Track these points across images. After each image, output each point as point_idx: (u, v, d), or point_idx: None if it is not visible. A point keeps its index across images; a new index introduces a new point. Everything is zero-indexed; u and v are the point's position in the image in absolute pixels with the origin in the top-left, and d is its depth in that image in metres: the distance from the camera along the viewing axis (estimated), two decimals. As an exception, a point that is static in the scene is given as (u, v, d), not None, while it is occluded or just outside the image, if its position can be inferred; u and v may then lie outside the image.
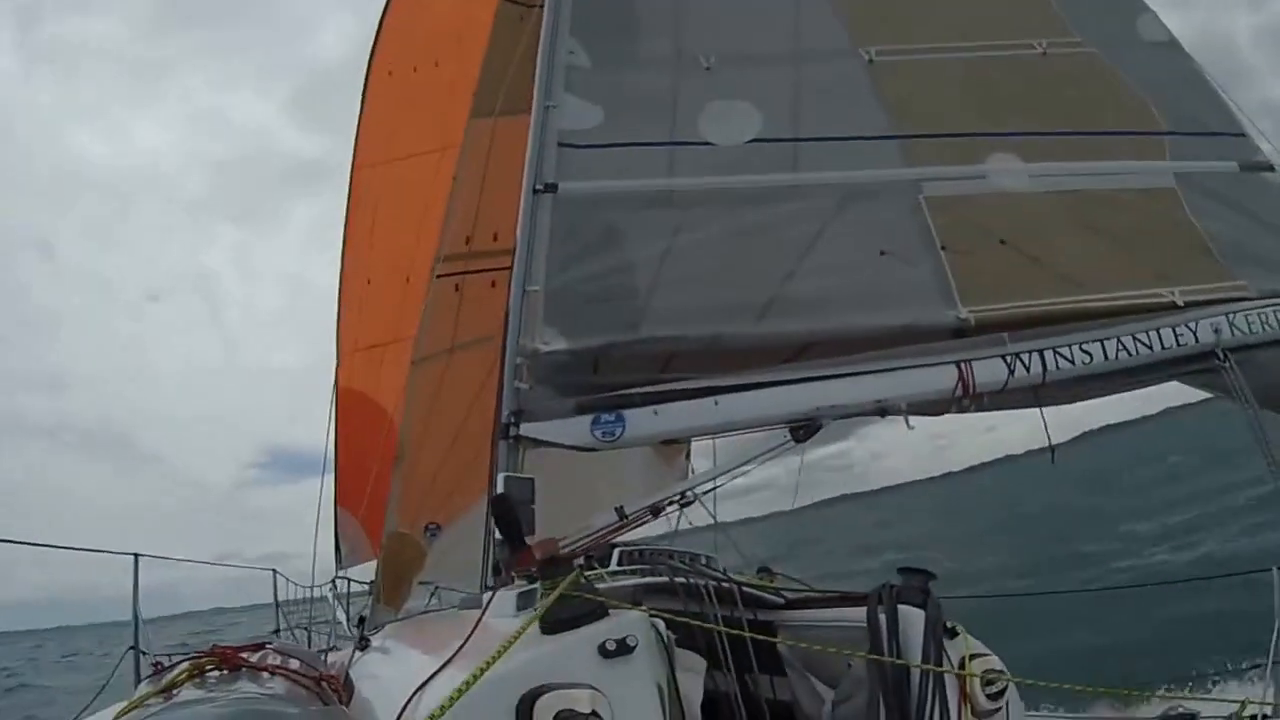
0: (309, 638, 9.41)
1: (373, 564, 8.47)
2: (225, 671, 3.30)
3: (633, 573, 4.48)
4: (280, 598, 10.10)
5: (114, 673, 5.60)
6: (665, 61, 5.91)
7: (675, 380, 4.73)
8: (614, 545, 4.67)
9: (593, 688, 2.74)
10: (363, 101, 10.20)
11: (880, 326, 4.95)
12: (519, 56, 6.08)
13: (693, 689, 3.45)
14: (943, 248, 5.22)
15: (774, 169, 5.50)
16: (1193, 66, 6.41)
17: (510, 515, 3.65)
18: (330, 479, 9.65)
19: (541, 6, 5.97)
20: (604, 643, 2.90)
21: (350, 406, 10.10)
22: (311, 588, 9.99)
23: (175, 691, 3.01)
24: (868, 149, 5.66)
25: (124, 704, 3.22)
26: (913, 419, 4.82)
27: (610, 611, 3.07)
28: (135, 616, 6.27)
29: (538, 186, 5.13)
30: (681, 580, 4.23)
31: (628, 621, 3.00)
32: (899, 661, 3.52)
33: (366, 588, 7.86)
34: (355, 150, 10.13)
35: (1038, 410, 5.20)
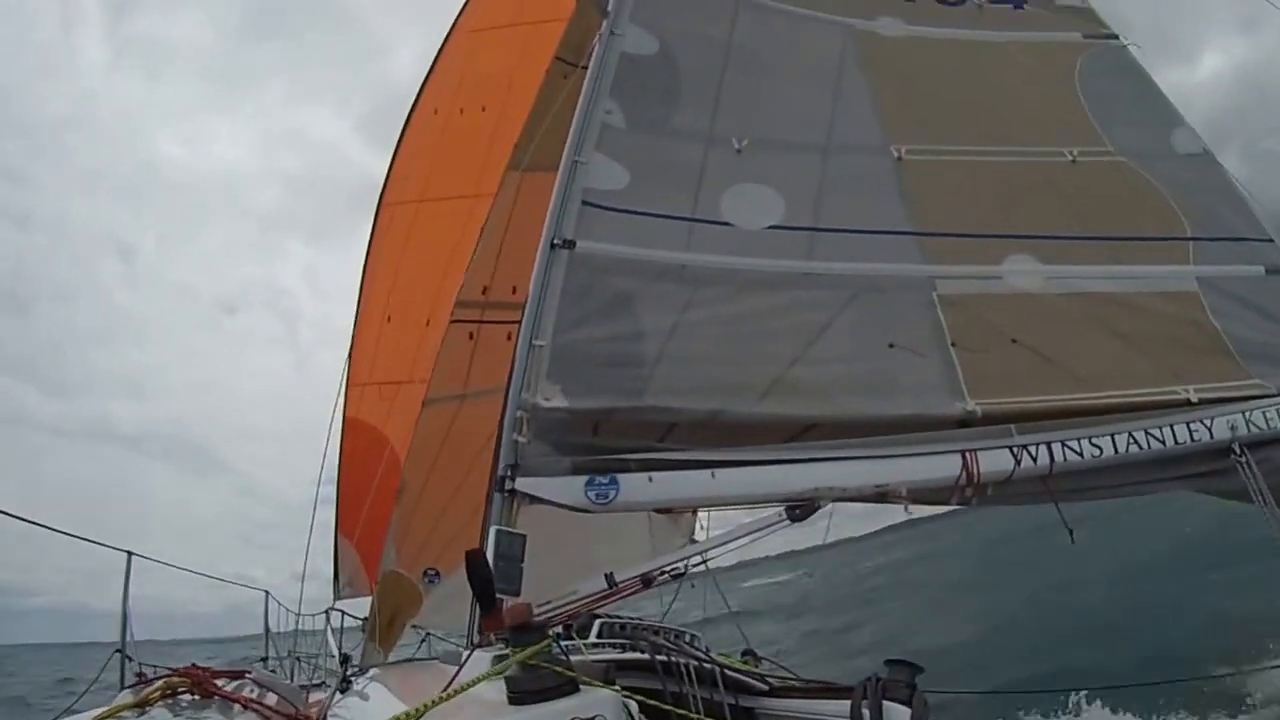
0: (293, 668, 9.35)
1: (368, 599, 8.50)
2: (197, 697, 3.27)
3: (612, 646, 4.38)
4: (286, 620, 10.08)
5: (100, 674, 5.59)
6: (698, 136, 6.01)
7: (673, 450, 4.73)
8: (596, 615, 4.61)
9: None
10: (401, 137, 10.29)
11: (884, 415, 4.94)
12: (555, 113, 6.15)
13: None
14: (953, 344, 5.24)
15: (789, 255, 5.55)
16: (1225, 177, 6.44)
17: (483, 573, 3.59)
18: (322, 508, 9.71)
19: (586, 66, 6.05)
20: None
21: (357, 438, 10.10)
22: (299, 616, 9.93)
23: (147, 709, 3.03)
24: (885, 243, 5.70)
25: (102, 710, 3.23)
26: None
27: (581, 687, 3.00)
28: (124, 616, 6.20)
29: (556, 241, 5.20)
30: (662, 658, 4.13)
31: (598, 699, 2.93)
32: None
33: (361, 624, 7.83)
34: (386, 185, 10.19)
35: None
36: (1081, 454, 4.81)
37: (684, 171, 5.82)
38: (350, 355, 10.31)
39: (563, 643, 3.76)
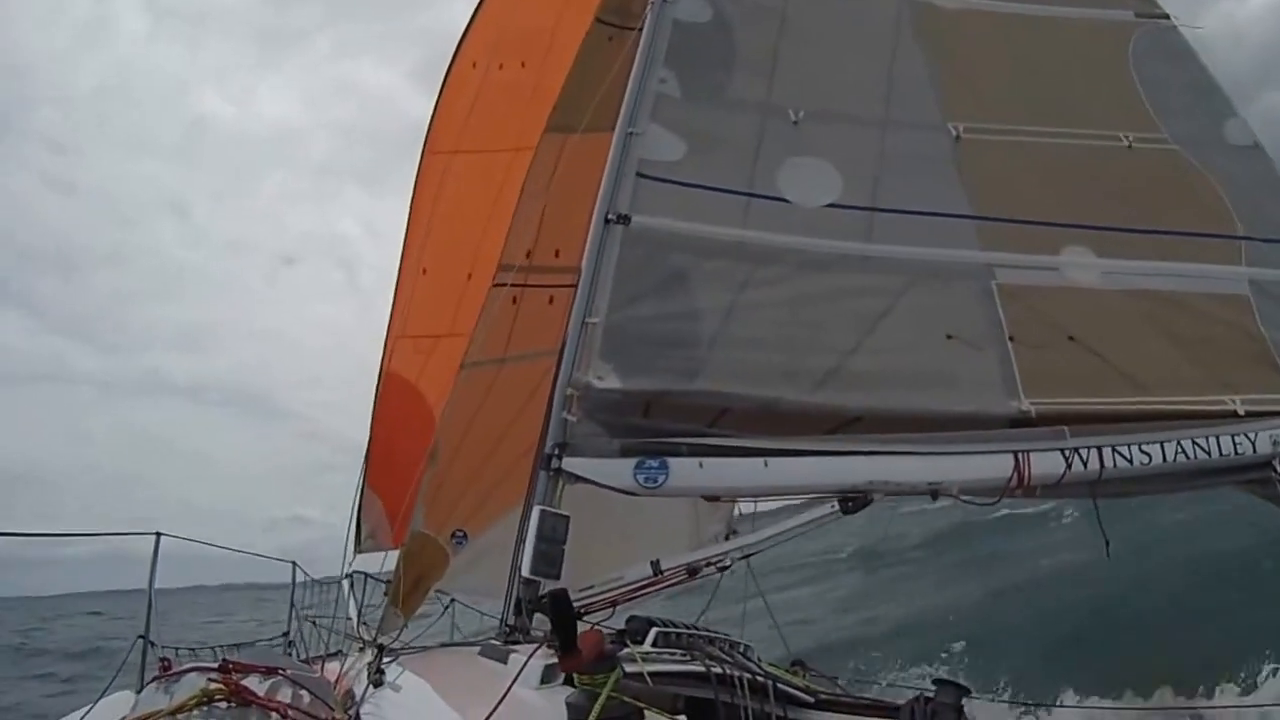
0: (322, 639, 9.22)
1: (390, 553, 8.40)
2: (233, 705, 3.13)
3: (669, 656, 4.26)
4: (312, 582, 9.96)
5: (123, 663, 5.47)
6: (754, 107, 5.81)
7: (725, 436, 4.64)
8: (652, 623, 4.50)
9: None
10: (442, 88, 10.11)
11: (940, 411, 4.88)
12: (601, 77, 6.02)
13: None
14: (1011, 338, 5.14)
15: (848, 237, 5.40)
16: (1276, 171, 6.27)
17: (566, 614, 3.29)
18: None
19: (636, 30, 5.90)
20: None
21: (391, 391, 9.96)
22: (340, 579, 9.79)
23: (181, 717, 2.89)
24: (944, 227, 5.55)
25: (134, 708, 3.16)
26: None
27: (646, 715, 2.94)
28: (149, 602, 6.07)
29: (610, 216, 5.05)
30: (717, 670, 3.97)
31: None
32: None
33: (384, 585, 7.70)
34: (428, 135, 10.05)
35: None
36: (1131, 460, 4.78)
37: (740, 143, 5.63)
38: (392, 307, 10.20)
39: (621, 652, 3.65)
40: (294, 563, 9.66)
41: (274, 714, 3.11)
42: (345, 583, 8.91)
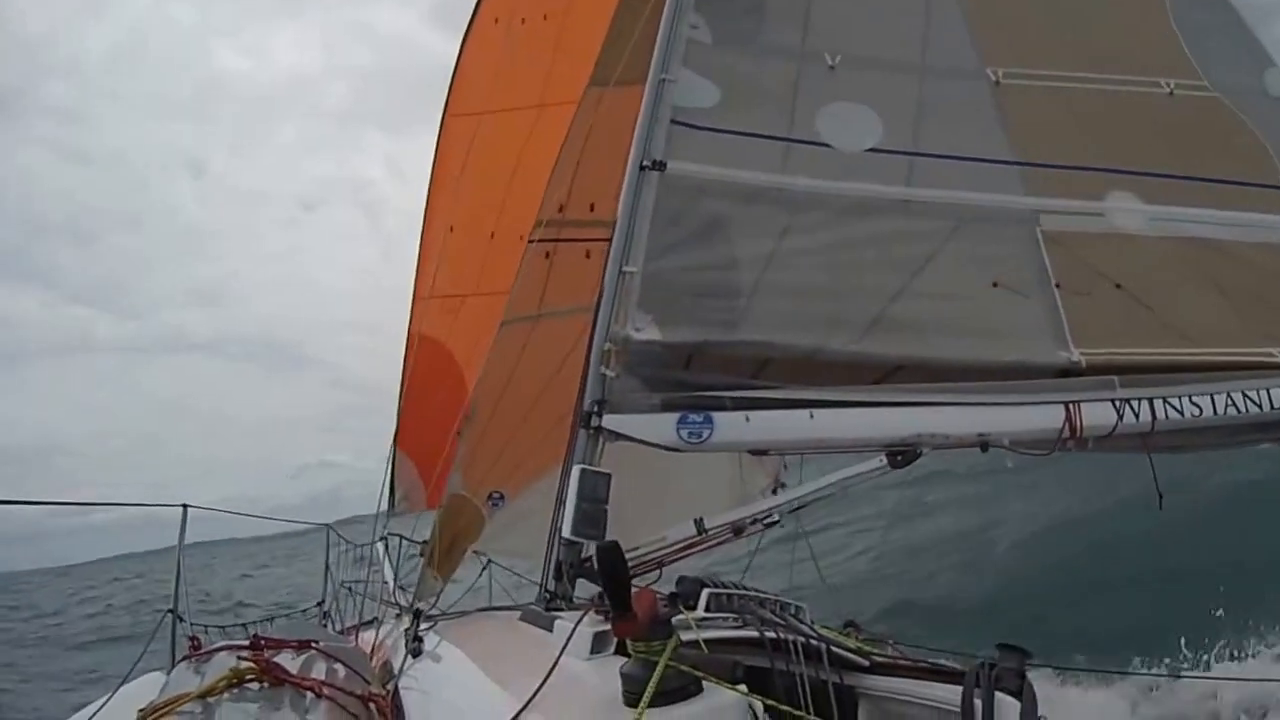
0: (339, 609, 9.18)
1: (422, 516, 8.32)
2: (266, 685, 2.97)
3: (722, 621, 4.08)
4: (346, 549, 9.93)
5: (151, 639, 5.36)
6: (789, 52, 5.62)
7: (769, 388, 4.50)
8: (703, 585, 4.36)
9: None
10: (462, 48, 9.98)
11: (988, 360, 4.74)
12: (634, 28, 5.87)
13: None
14: (1057, 285, 5.00)
15: (890, 181, 5.24)
16: None
17: (620, 572, 2.94)
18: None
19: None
20: None
21: (421, 352, 9.86)
22: (374, 541, 9.74)
23: (212, 700, 2.73)
24: (987, 173, 5.39)
25: (163, 690, 3.04)
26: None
27: (705, 686, 2.71)
28: (177, 575, 5.93)
29: (645, 163, 4.88)
30: (771, 635, 3.77)
31: (725, 705, 2.65)
32: None
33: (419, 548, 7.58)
34: (449, 97, 9.92)
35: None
36: (1182, 413, 4.65)
37: (777, 88, 5.46)
38: (417, 268, 10.13)
39: (675, 618, 3.40)
40: (329, 527, 9.65)
41: (308, 692, 2.95)
42: (380, 546, 8.87)
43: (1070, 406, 4.57)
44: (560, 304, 6.06)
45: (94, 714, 3.84)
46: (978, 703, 3.18)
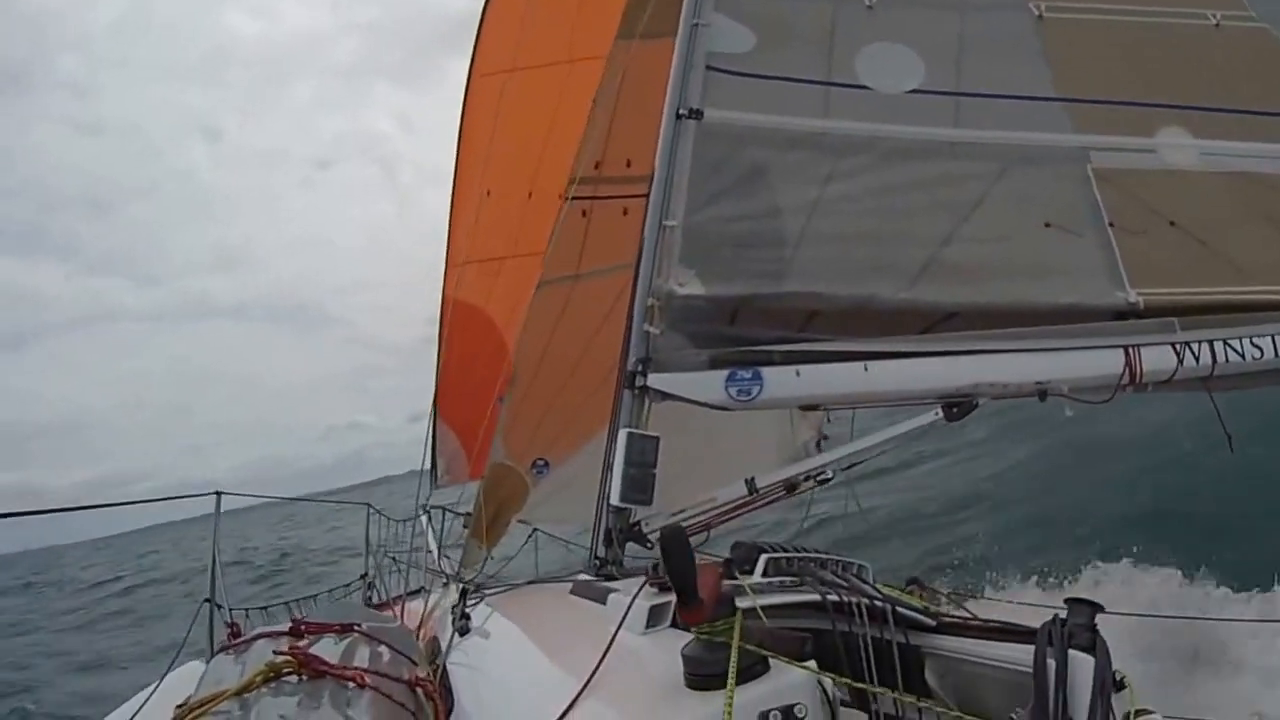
0: (383, 581, 9.12)
1: (467, 485, 8.22)
2: (305, 678, 2.79)
3: (780, 587, 3.87)
4: (388, 521, 9.86)
5: (190, 629, 5.19)
6: (825, -9, 5.38)
7: (819, 340, 4.32)
8: (760, 549, 4.18)
9: None
10: (485, 6, 9.82)
11: (1043, 303, 4.55)
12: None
13: None
14: (1111, 224, 4.81)
15: (935, 123, 5.03)
16: None
17: (685, 559, 2.71)
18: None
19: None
20: (768, 713, 2.36)
21: (459, 319, 9.70)
22: (414, 519, 9.64)
23: (249, 696, 2.56)
24: (1034, 111, 5.18)
25: (200, 683, 2.90)
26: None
27: (771, 664, 2.51)
28: (213, 562, 5.78)
29: (681, 111, 4.69)
30: (834, 598, 3.59)
31: (795, 685, 2.44)
32: None
33: (464, 519, 7.46)
34: (474, 57, 9.73)
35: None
36: (1243, 355, 4.49)
37: (813, 31, 5.22)
38: (449, 233, 9.99)
39: (731, 584, 3.24)
40: (368, 505, 9.60)
41: (350, 685, 2.76)
42: (424, 518, 8.79)
43: (1130, 351, 4.41)
44: (599, 263, 5.91)
45: (134, 712, 3.74)
46: (1051, 661, 2.98)
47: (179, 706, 2.46)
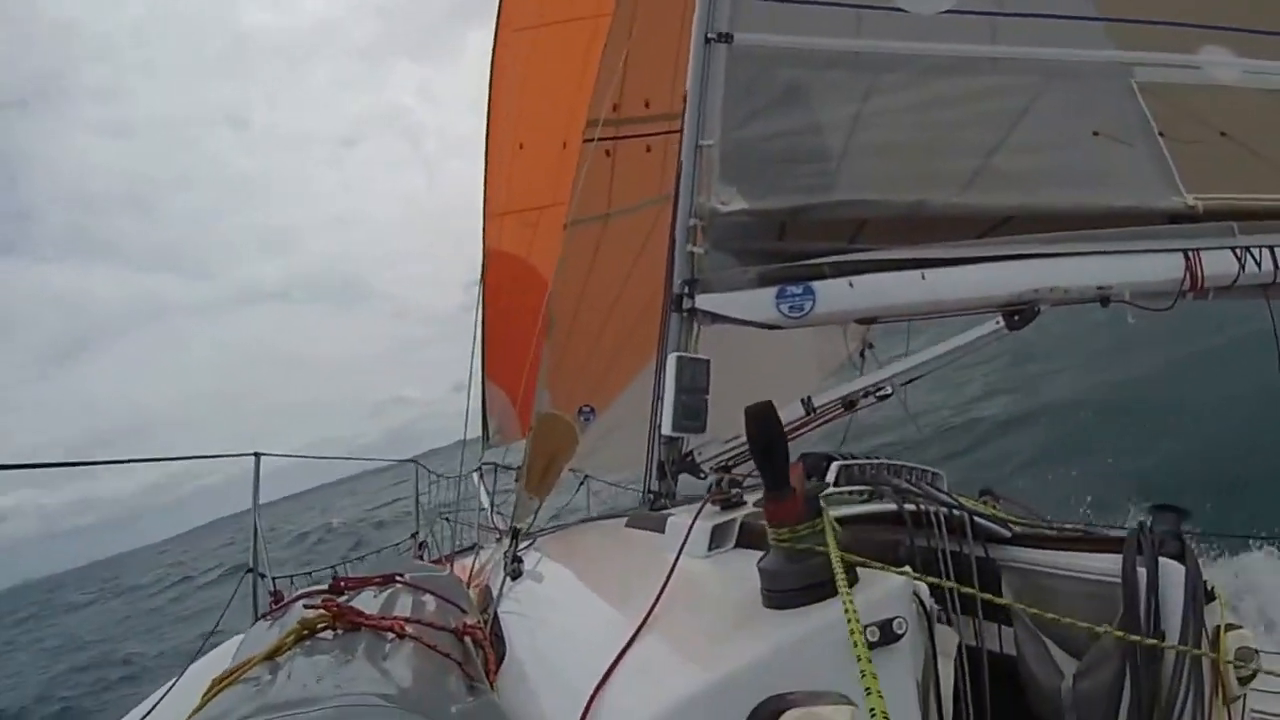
0: (435, 541, 9.05)
1: (519, 444, 8.12)
2: (340, 633, 2.53)
3: (854, 495, 3.62)
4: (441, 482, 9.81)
5: (231, 599, 5.07)
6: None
7: (874, 250, 4.14)
8: (831, 458, 4.00)
9: (849, 701, 1.88)
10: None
11: (1099, 206, 4.40)
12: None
13: (946, 677, 2.51)
14: (1160, 134, 4.65)
15: (971, 40, 4.85)
16: None
17: (776, 440, 2.30)
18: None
19: None
20: (864, 629, 2.00)
21: (501, 271, 9.71)
22: (464, 476, 9.55)
23: (281, 659, 2.31)
24: (1072, 29, 4.98)
25: (236, 653, 2.73)
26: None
27: (859, 574, 2.21)
28: (254, 530, 5.63)
29: (710, 35, 4.51)
30: (911, 508, 3.38)
31: (891, 595, 2.12)
32: (1168, 646, 2.65)
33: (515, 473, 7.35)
34: (500, 14, 9.67)
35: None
36: None
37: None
38: (485, 188, 9.95)
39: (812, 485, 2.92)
40: (416, 461, 9.54)
41: (388, 635, 2.52)
42: (475, 475, 8.71)
43: (1190, 255, 4.28)
44: (628, 200, 5.79)
45: (167, 689, 3.60)
46: (1141, 570, 2.79)
47: (214, 680, 2.28)
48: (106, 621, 37.47)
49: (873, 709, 1.50)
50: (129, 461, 4.51)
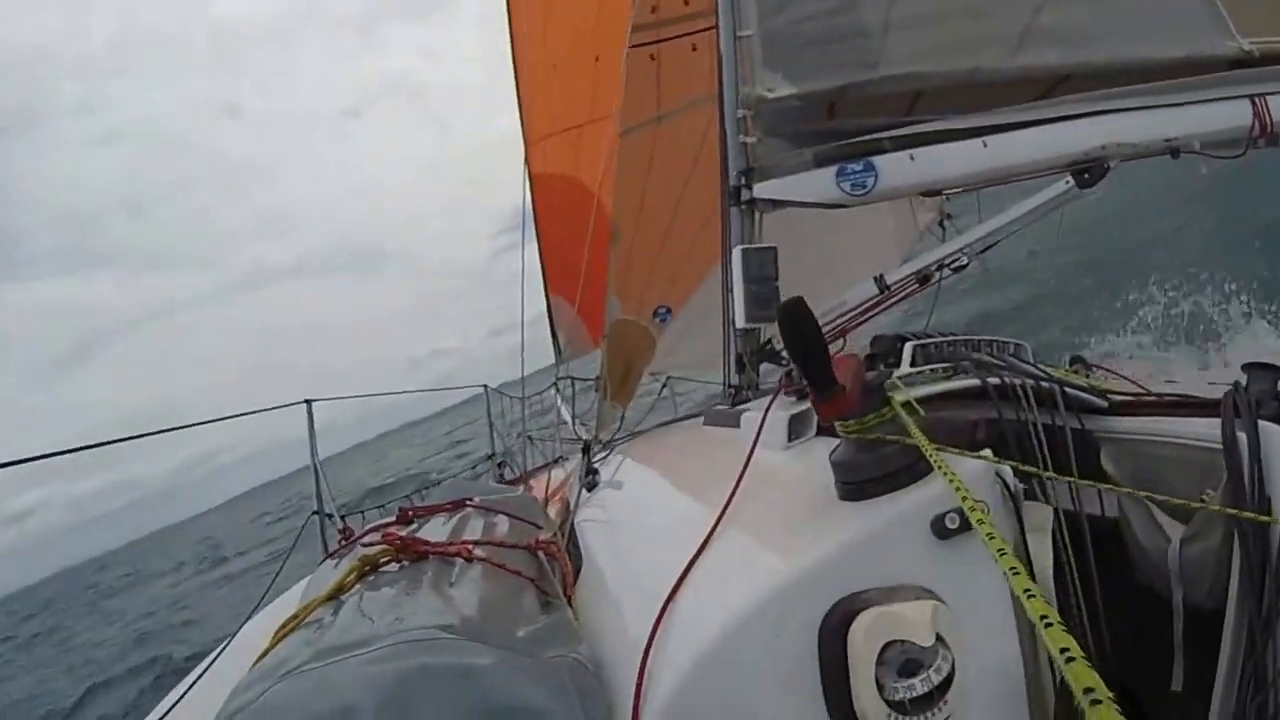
0: (513, 460, 9.11)
1: (594, 355, 8.14)
2: (406, 565, 2.42)
3: (933, 375, 3.44)
4: (510, 405, 9.85)
5: (296, 542, 4.93)
6: None
7: (931, 120, 4.00)
8: (904, 339, 3.92)
9: (932, 595, 1.77)
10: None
11: (1156, 57, 4.23)
12: None
13: (1043, 556, 2.29)
14: None
15: None
16: None
17: (809, 334, 2.14)
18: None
19: None
20: (942, 516, 1.88)
21: (550, 192, 9.69)
22: (524, 399, 9.56)
23: (341, 598, 2.20)
24: None
25: (303, 594, 2.70)
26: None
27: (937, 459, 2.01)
28: (315, 474, 5.61)
29: (735, -77, 4.37)
30: (995, 381, 3.22)
31: (970, 480, 1.92)
32: (1273, 521, 2.42)
33: (591, 384, 7.29)
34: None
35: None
36: None
37: None
38: (521, 114, 9.93)
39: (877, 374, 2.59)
40: (485, 386, 9.59)
41: (456, 558, 2.41)
42: (552, 390, 8.75)
43: (1256, 101, 4.10)
44: (679, 100, 5.67)
45: (231, 638, 3.42)
46: (1241, 435, 2.59)
47: (280, 627, 2.23)
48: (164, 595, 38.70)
49: (1014, 568, 1.36)
50: (178, 429, 4.43)
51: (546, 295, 9.41)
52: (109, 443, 3.87)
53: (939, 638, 1.67)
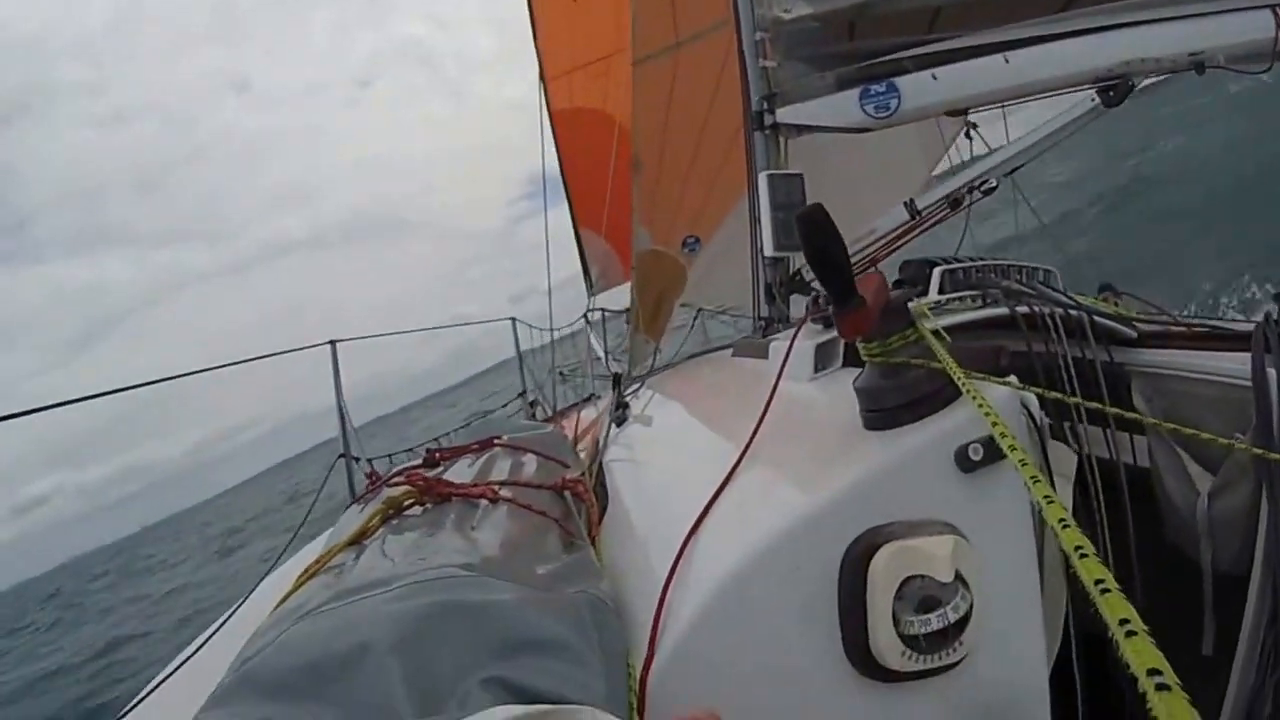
0: (545, 399, 8.94)
1: (624, 288, 8.08)
2: (429, 506, 2.40)
3: (961, 303, 3.29)
4: (538, 339, 9.67)
5: (323, 486, 4.72)
6: None
7: (949, 38, 3.95)
8: (932, 265, 3.83)
9: (954, 530, 1.70)
10: None
11: None
12: None
13: (1065, 499, 2.26)
14: None
15: None
16: None
17: (830, 244, 1.89)
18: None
19: None
20: (966, 448, 1.78)
21: (574, 125, 9.61)
22: (551, 331, 9.41)
23: (365, 542, 2.19)
24: None
25: (328, 541, 2.69)
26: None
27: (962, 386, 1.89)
28: (341, 416, 5.53)
29: None
30: (1024, 310, 3.10)
31: (995, 408, 1.77)
32: None
33: (622, 316, 7.17)
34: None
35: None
36: None
37: None
38: (539, 50, 9.87)
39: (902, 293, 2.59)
40: (513, 319, 9.43)
41: (481, 500, 2.39)
42: (582, 322, 8.69)
43: (1278, 11, 4.00)
44: (695, 27, 5.59)
45: (259, 581, 3.43)
46: (1271, 371, 2.49)
47: (301, 574, 2.22)
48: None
49: (1047, 496, 1.26)
50: (197, 372, 4.34)
51: (576, 231, 9.35)
52: (148, 383, 3.81)
53: (958, 575, 1.63)
